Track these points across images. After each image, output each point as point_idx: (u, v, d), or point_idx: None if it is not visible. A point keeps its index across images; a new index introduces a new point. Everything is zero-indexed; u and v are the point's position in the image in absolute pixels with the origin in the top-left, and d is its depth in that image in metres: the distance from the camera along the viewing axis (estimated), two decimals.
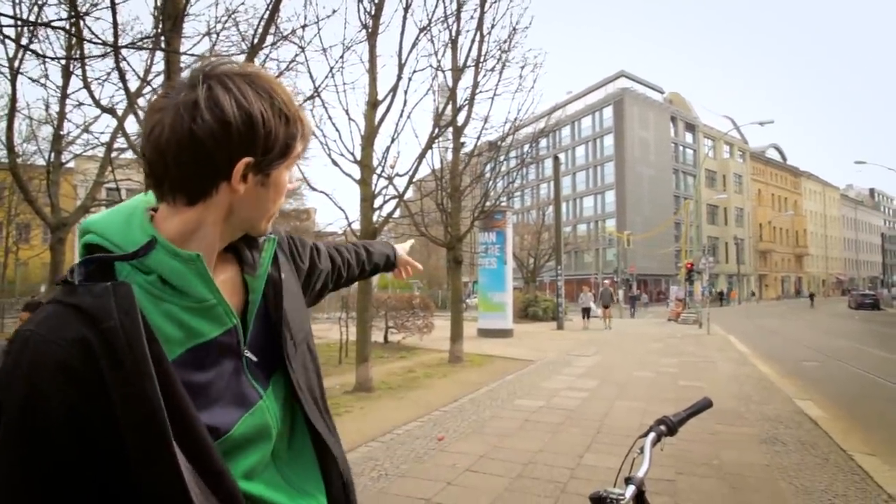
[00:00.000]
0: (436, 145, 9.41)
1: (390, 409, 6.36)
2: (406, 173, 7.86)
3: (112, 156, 8.08)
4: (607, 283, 26.89)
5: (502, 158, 11.73)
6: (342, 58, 7.09)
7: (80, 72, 6.41)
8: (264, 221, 0.77)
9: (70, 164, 10.66)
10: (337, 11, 6.11)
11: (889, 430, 5.69)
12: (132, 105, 5.31)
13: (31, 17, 6.28)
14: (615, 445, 4.75)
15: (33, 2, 6.53)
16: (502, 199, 14.72)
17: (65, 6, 6.62)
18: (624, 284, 36.32)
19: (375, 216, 7.65)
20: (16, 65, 7.33)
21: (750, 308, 41.24)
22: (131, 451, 0.59)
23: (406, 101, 7.65)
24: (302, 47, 6.45)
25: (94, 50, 6.34)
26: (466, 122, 10.39)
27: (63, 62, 7.46)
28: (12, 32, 6.30)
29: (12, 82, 7.11)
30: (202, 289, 0.69)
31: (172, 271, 0.67)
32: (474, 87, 9.98)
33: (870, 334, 17.80)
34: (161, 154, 0.65)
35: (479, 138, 10.78)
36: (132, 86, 6.22)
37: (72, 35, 5.97)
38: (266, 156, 0.69)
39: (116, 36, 4.23)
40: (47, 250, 7.77)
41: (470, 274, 36.69)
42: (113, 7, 4.09)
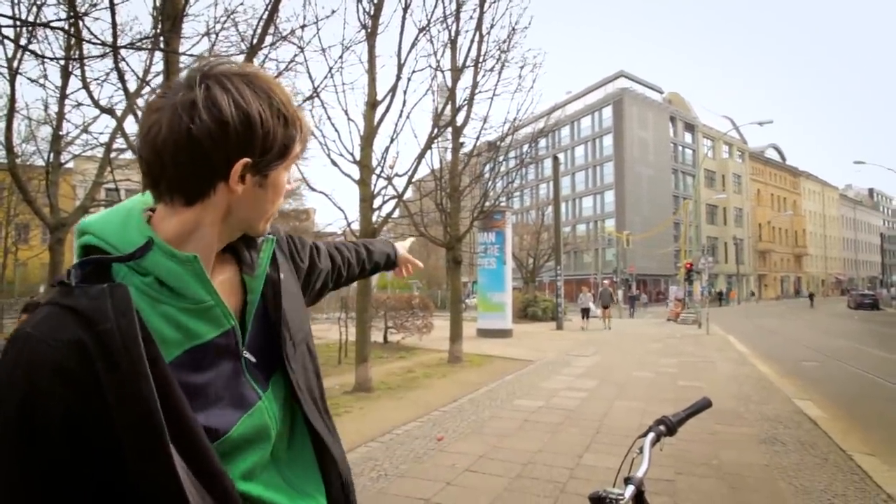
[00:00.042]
0: (435, 145, 9.43)
1: (389, 410, 6.36)
2: (405, 173, 7.88)
3: (111, 156, 8.06)
4: (606, 283, 26.86)
5: (501, 158, 11.73)
6: (341, 58, 7.13)
7: (79, 72, 6.40)
8: (262, 222, 0.77)
9: (69, 165, 10.64)
10: (336, 12, 6.12)
11: (888, 429, 5.69)
12: (131, 105, 5.32)
13: (30, 18, 6.27)
14: (614, 445, 4.75)
15: (32, 2, 6.52)
16: (501, 199, 14.72)
17: (64, 6, 6.61)
18: (623, 284, 36.33)
19: (375, 216, 7.65)
20: (15, 65, 7.30)
21: (749, 308, 41.26)
22: (127, 452, 0.59)
23: (405, 102, 7.68)
24: (301, 47, 6.46)
25: (93, 50, 6.35)
26: (466, 123, 10.41)
27: (62, 62, 7.45)
28: (11, 33, 6.30)
29: (11, 83, 7.10)
30: (199, 290, 0.69)
31: (169, 273, 0.67)
32: (473, 87, 9.99)
33: (869, 334, 17.81)
34: (158, 154, 0.65)
35: (478, 138, 10.82)
36: (131, 86, 6.20)
37: (71, 35, 5.97)
38: (264, 156, 0.69)
39: (115, 36, 4.24)
40: (46, 251, 7.76)
41: (469, 274, 36.70)
42: (112, 7, 4.09)
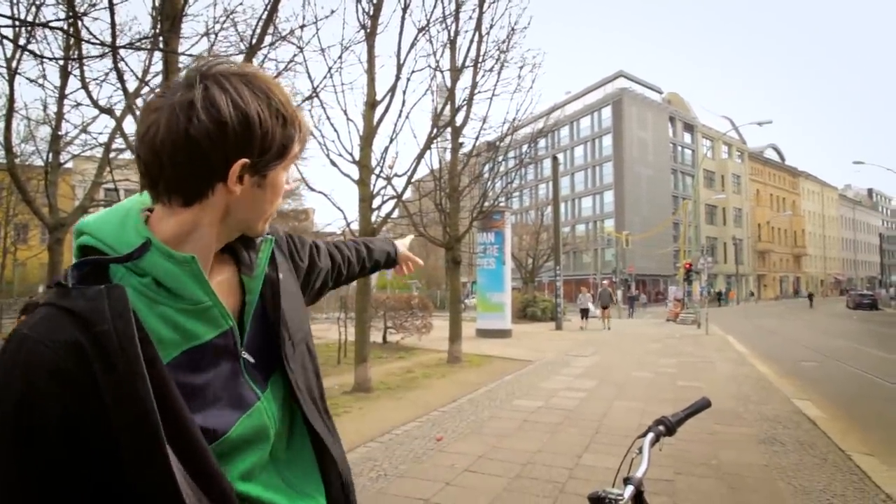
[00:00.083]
0: (434, 145, 9.43)
1: (389, 410, 6.36)
2: (404, 173, 7.87)
3: (110, 156, 8.06)
4: (606, 283, 26.90)
5: (501, 159, 11.73)
6: (340, 58, 7.10)
7: (78, 72, 6.38)
8: (261, 222, 0.77)
9: (68, 165, 10.64)
10: (335, 12, 6.12)
11: (887, 429, 5.70)
12: (130, 105, 5.30)
13: (29, 18, 6.26)
14: (614, 446, 4.75)
15: (31, 2, 6.51)
16: (501, 199, 14.73)
17: (62, 6, 6.60)
18: (622, 284, 36.36)
19: (374, 216, 7.65)
20: (13, 65, 7.29)
21: (748, 308, 41.29)
22: (124, 454, 0.58)
23: (404, 102, 7.67)
24: (300, 48, 6.46)
25: (92, 50, 6.34)
26: (465, 123, 10.40)
27: (61, 62, 7.43)
28: (10, 33, 6.30)
29: (10, 83, 7.09)
30: (197, 291, 0.69)
31: (167, 273, 0.66)
32: (473, 87, 9.99)
33: (868, 334, 17.84)
34: (156, 155, 0.65)
35: (477, 138, 10.83)
36: (130, 86, 6.19)
37: (70, 35, 5.96)
38: (263, 157, 0.69)
39: (114, 36, 4.23)
40: (45, 251, 7.74)
41: (468, 274, 36.67)
42: (111, 7, 4.09)
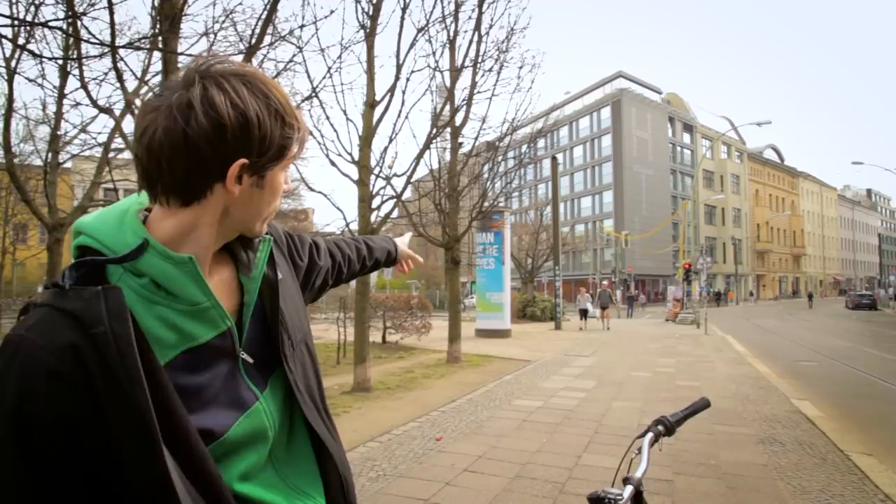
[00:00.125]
0: (434, 146, 9.43)
1: (388, 410, 6.36)
2: (404, 174, 7.87)
3: (109, 156, 8.06)
4: (605, 284, 26.91)
5: (500, 159, 11.74)
6: (340, 58, 7.09)
7: (77, 72, 6.36)
8: (259, 223, 0.77)
9: (67, 165, 10.66)
10: (335, 12, 6.11)
11: (886, 429, 5.71)
12: (129, 105, 5.30)
13: (28, 17, 6.24)
14: (613, 445, 4.76)
15: (30, 1, 6.49)
16: (500, 199, 14.72)
17: (62, 6, 6.58)
18: (622, 284, 36.36)
19: (373, 216, 7.65)
20: (12, 65, 7.28)
21: (747, 308, 41.32)
22: (121, 456, 0.58)
23: (404, 102, 7.67)
24: (300, 48, 6.45)
25: (91, 50, 6.31)
26: (464, 123, 10.40)
27: (60, 62, 7.42)
28: (9, 32, 6.28)
29: (9, 82, 7.07)
30: (195, 291, 0.68)
31: (164, 274, 0.66)
32: (472, 87, 9.99)
33: (867, 334, 17.86)
34: (154, 155, 0.64)
35: (476, 139, 10.81)
36: (130, 86, 6.21)
37: (69, 35, 5.95)
38: (261, 157, 0.68)
39: (114, 36, 4.22)
40: (44, 251, 7.74)
41: (468, 274, 36.67)
42: (110, 7, 4.08)
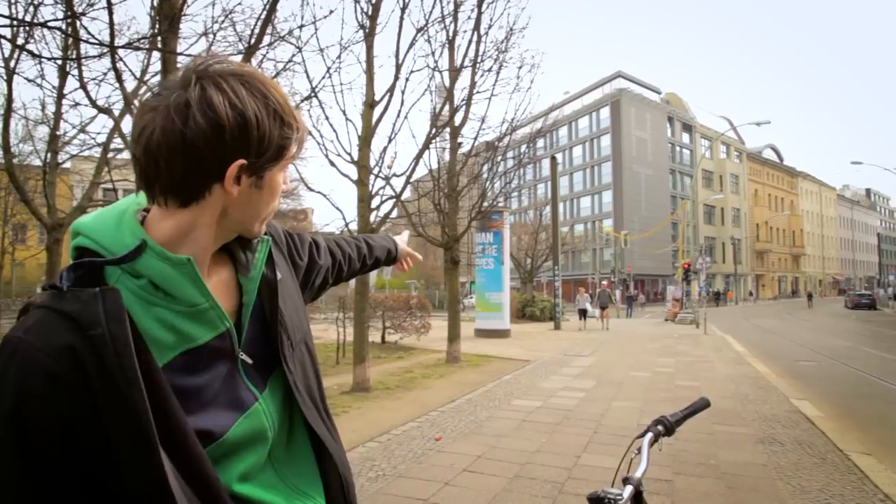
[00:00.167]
0: (433, 146, 9.43)
1: (388, 410, 6.35)
2: (403, 174, 7.87)
3: (108, 156, 8.05)
4: (605, 284, 26.92)
5: (499, 159, 11.74)
6: (339, 58, 7.07)
7: (76, 72, 6.36)
8: (258, 223, 0.76)
9: (66, 165, 10.64)
10: (334, 12, 6.09)
11: (886, 429, 5.71)
12: (129, 105, 5.30)
13: (27, 17, 6.24)
14: (612, 445, 4.76)
15: (29, 1, 6.48)
16: (499, 199, 14.73)
17: (61, 6, 6.57)
18: (621, 284, 36.37)
19: (373, 216, 7.64)
20: (12, 65, 7.28)
21: (747, 308, 41.34)
22: (118, 458, 0.58)
23: (403, 102, 7.66)
24: (299, 48, 6.43)
25: (90, 50, 6.31)
26: (464, 123, 10.40)
27: (59, 62, 7.41)
28: (8, 32, 6.28)
29: (8, 82, 7.08)
30: (193, 292, 0.68)
31: (163, 275, 0.66)
32: (471, 87, 9.99)
33: (866, 334, 17.87)
34: (152, 156, 0.64)
35: (476, 138, 10.81)
36: (129, 86, 6.19)
37: (68, 35, 5.95)
38: (260, 158, 0.68)
39: (113, 36, 4.22)
40: (44, 251, 7.74)
41: (467, 274, 36.67)
42: (109, 7, 4.08)
